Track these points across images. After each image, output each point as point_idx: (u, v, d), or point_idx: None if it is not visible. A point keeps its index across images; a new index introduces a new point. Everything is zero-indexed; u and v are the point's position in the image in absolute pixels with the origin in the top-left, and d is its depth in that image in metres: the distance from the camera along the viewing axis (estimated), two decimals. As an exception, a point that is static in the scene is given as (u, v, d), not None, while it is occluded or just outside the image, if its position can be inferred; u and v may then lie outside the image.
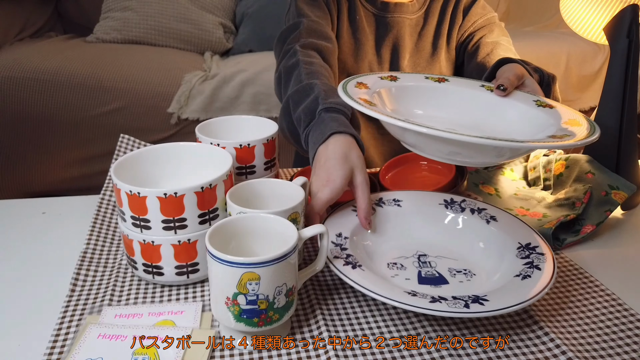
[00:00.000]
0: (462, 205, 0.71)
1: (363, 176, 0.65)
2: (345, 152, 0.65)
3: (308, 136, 0.71)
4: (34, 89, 1.84)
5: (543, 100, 0.73)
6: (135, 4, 2.21)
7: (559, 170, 0.85)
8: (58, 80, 1.84)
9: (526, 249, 0.62)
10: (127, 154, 0.67)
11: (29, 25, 2.29)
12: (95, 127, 1.88)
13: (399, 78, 0.77)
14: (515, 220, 0.68)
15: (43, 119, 1.85)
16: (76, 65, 1.89)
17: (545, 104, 0.72)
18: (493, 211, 0.70)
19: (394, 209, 0.71)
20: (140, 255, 0.61)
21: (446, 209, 0.71)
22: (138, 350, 0.52)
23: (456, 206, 0.71)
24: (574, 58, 2.19)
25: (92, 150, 1.90)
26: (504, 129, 0.70)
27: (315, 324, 0.57)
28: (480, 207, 0.70)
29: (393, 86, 0.74)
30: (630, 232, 0.77)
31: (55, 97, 1.85)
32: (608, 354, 0.53)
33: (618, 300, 0.61)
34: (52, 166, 1.91)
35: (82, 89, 1.85)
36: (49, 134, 1.87)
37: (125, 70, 1.90)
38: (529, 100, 0.73)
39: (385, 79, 0.76)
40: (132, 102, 1.87)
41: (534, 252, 0.61)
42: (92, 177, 1.92)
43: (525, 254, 0.61)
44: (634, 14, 0.79)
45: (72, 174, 1.93)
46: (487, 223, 0.68)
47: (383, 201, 0.71)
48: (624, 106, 0.80)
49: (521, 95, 0.75)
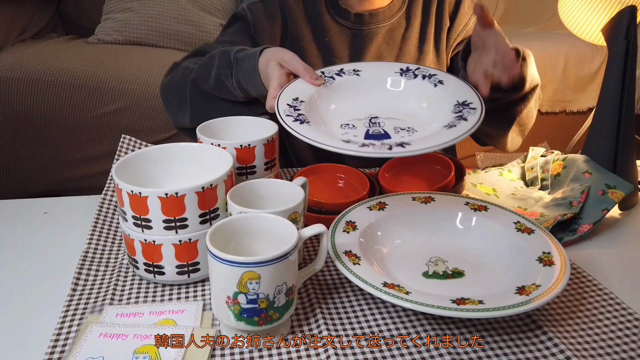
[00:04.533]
0: (415, 72, 0.78)
1: (290, 55, 0.75)
2: (274, 53, 0.77)
3: (239, 79, 0.81)
4: (36, 89, 1.84)
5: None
6: (136, 5, 2.21)
7: (556, 170, 0.85)
8: (59, 81, 1.85)
9: (461, 105, 0.70)
10: (129, 154, 0.67)
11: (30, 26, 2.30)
12: (97, 128, 1.88)
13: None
14: (461, 83, 0.74)
15: (45, 119, 1.86)
16: (77, 66, 1.89)
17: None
18: (442, 76, 0.76)
19: (354, 79, 0.78)
20: (141, 254, 0.62)
21: (401, 77, 0.77)
22: (139, 349, 0.52)
23: (410, 74, 0.77)
24: (572, 59, 2.19)
25: (93, 150, 1.90)
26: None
27: (315, 323, 0.57)
28: (432, 73, 0.77)
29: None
30: (628, 232, 0.77)
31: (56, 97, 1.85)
32: (607, 352, 0.53)
33: (616, 299, 0.61)
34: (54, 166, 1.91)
35: (84, 89, 1.85)
36: (50, 134, 1.87)
37: (126, 71, 1.90)
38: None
39: None
40: (134, 103, 1.87)
41: (466, 108, 0.69)
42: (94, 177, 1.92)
43: (458, 110, 0.69)
44: (631, 16, 0.79)
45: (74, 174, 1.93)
46: (434, 86, 0.75)
47: (343, 71, 0.78)
48: (622, 107, 0.80)
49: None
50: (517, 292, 0.56)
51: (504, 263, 0.64)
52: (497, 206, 0.72)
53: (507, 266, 0.63)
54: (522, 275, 0.59)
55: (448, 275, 0.63)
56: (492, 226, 0.68)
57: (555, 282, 0.56)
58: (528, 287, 0.56)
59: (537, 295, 0.54)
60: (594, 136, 0.84)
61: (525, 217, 0.69)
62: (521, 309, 0.52)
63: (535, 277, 0.58)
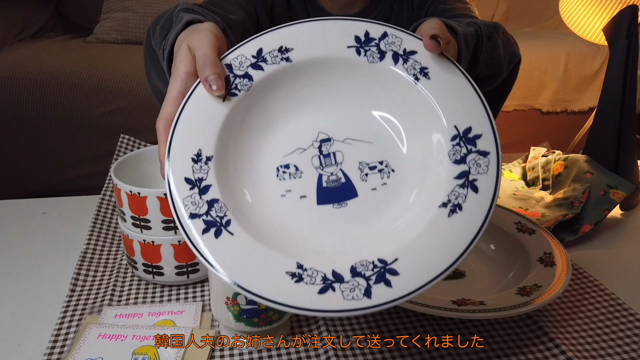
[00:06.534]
0: (381, 45, 0.46)
1: (202, 37, 0.46)
2: (192, 32, 0.47)
3: (167, 44, 0.51)
4: (34, 89, 1.84)
5: None
6: (135, 4, 2.21)
7: (557, 170, 0.85)
8: (58, 81, 1.84)
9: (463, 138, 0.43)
10: (128, 154, 0.67)
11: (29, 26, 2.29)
12: (96, 128, 1.88)
13: None
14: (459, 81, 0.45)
15: (43, 119, 1.85)
16: (76, 65, 1.89)
17: None
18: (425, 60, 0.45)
19: (282, 67, 0.46)
20: (140, 255, 0.62)
21: (358, 55, 0.46)
22: (138, 350, 0.52)
23: (373, 48, 0.46)
24: (573, 59, 2.19)
25: (92, 150, 1.90)
26: None
27: (315, 324, 0.57)
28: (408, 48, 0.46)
29: None
30: (630, 232, 0.77)
31: (55, 97, 1.85)
32: (608, 353, 0.53)
33: (617, 300, 0.61)
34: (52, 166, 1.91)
35: (83, 89, 1.85)
36: (49, 134, 1.87)
37: (125, 71, 1.90)
38: None
39: None
40: (132, 103, 1.87)
41: (473, 149, 0.42)
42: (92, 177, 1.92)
43: (460, 154, 0.42)
44: (633, 15, 0.79)
45: (72, 174, 1.93)
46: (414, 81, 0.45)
47: (264, 57, 0.46)
48: (623, 106, 0.80)
49: None
50: (518, 292, 0.56)
51: (505, 263, 0.63)
52: (498, 206, 0.71)
53: (508, 267, 0.63)
54: (523, 275, 0.59)
55: (448, 276, 0.62)
56: (493, 227, 0.68)
57: (556, 282, 0.56)
58: (529, 288, 0.56)
59: (538, 295, 0.54)
60: (595, 136, 0.84)
61: (526, 217, 0.69)
62: (522, 309, 0.52)
63: (536, 278, 0.58)
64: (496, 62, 0.58)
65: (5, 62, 1.89)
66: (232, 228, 0.40)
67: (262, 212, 0.43)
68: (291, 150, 0.46)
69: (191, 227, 0.40)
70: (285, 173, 0.45)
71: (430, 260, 0.39)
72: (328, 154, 0.45)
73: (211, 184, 0.42)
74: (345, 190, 0.44)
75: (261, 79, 0.45)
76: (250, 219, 0.42)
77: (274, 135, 0.46)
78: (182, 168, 0.42)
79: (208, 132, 0.43)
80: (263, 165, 0.45)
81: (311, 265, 0.39)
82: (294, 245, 0.41)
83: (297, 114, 0.47)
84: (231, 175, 0.44)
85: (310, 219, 0.43)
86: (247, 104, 0.45)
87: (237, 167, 0.44)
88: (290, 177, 0.45)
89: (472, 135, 0.43)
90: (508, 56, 0.60)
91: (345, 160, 0.45)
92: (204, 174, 0.42)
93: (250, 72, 0.45)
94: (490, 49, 0.57)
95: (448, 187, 0.42)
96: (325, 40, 0.46)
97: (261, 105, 0.46)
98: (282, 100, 0.47)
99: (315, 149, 0.46)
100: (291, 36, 0.46)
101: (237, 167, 0.44)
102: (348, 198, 0.44)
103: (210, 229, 0.40)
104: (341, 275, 0.39)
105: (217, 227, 0.40)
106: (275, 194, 0.44)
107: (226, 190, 0.42)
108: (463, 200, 0.41)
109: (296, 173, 0.45)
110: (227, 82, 0.45)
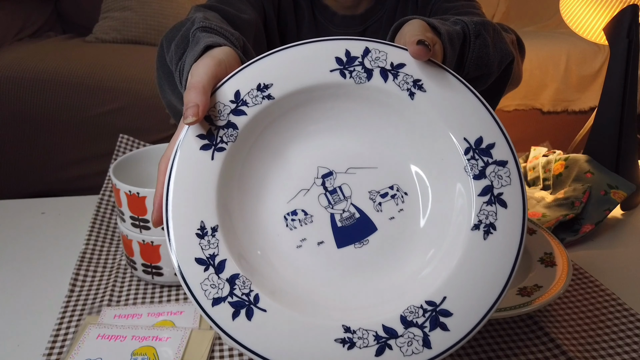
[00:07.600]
0: (365, 62, 0.42)
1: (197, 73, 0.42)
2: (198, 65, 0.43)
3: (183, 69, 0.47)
4: (33, 88, 1.84)
5: None
6: (134, 4, 2.20)
7: (558, 170, 0.85)
8: (57, 80, 1.84)
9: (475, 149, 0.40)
10: (127, 154, 0.67)
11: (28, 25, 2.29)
12: (95, 127, 1.88)
13: None
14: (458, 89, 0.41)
15: (42, 118, 1.85)
16: (75, 65, 1.88)
17: None
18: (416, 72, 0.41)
19: (265, 107, 0.41)
20: (139, 255, 0.61)
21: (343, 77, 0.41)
22: (137, 350, 0.52)
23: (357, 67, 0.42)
24: (573, 58, 2.19)
25: (91, 150, 1.90)
26: None
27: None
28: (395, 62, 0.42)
29: None
30: (630, 232, 0.77)
31: (54, 97, 1.84)
32: (608, 353, 0.53)
33: (618, 300, 0.61)
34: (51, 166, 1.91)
35: (81, 89, 1.85)
36: (47, 134, 1.87)
37: (124, 70, 1.90)
38: None
39: None
40: (132, 102, 1.87)
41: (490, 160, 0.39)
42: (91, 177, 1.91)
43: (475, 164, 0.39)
44: (633, 14, 0.79)
45: (71, 174, 1.92)
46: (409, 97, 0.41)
47: (243, 99, 0.41)
48: (624, 106, 0.80)
49: None
50: (519, 293, 0.56)
51: None
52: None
53: None
54: (523, 276, 0.59)
55: None
56: None
57: (557, 283, 0.56)
58: (530, 288, 0.56)
59: (538, 296, 0.54)
60: (596, 136, 0.84)
61: (526, 217, 0.69)
62: (523, 310, 0.51)
63: (536, 278, 0.58)
64: (485, 61, 0.55)
65: (4, 61, 1.89)
66: (262, 304, 0.36)
67: (283, 274, 0.39)
68: (294, 193, 0.42)
69: (220, 315, 0.35)
70: (294, 221, 0.41)
71: (479, 291, 0.36)
72: (334, 189, 0.42)
73: (226, 257, 0.37)
74: (362, 226, 0.41)
75: (246, 124, 0.40)
76: (276, 284, 0.38)
77: (272, 181, 0.42)
78: (189, 249, 0.37)
79: (205, 199, 0.38)
80: (269, 218, 0.41)
81: (358, 325, 0.36)
82: (330, 306, 0.38)
83: (291, 153, 0.43)
84: (241, 240, 0.39)
85: (334, 268, 0.40)
86: (237, 157, 0.41)
87: (244, 228, 0.40)
88: (300, 223, 0.41)
89: (485, 145, 0.40)
90: (499, 55, 0.57)
91: (354, 192, 0.42)
92: (214, 248, 0.37)
93: (232, 119, 0.40)
94: (479, 47, 0.53)
95: (475, 207, 0.39)
96: (304, 67, 0.41)
97: (252, 154, 0.42)
98: (273, 143, 0.42)
99: (319, 187, 0.42)
100: (268, 70, 0.41)
101: (245, 228, 0.40)
102: (368, 234, 0.40)
103: (240, 311, 0.35)
104: (394, 330, 0.35)
105: (246, 307, 0.36)
106: (291, 247, 0.40)
107: (242, 260, 0.38)
108: (494, 218, 0.38)
109: (306, 218, 0.41)
110: (210, 135, 0.40)
